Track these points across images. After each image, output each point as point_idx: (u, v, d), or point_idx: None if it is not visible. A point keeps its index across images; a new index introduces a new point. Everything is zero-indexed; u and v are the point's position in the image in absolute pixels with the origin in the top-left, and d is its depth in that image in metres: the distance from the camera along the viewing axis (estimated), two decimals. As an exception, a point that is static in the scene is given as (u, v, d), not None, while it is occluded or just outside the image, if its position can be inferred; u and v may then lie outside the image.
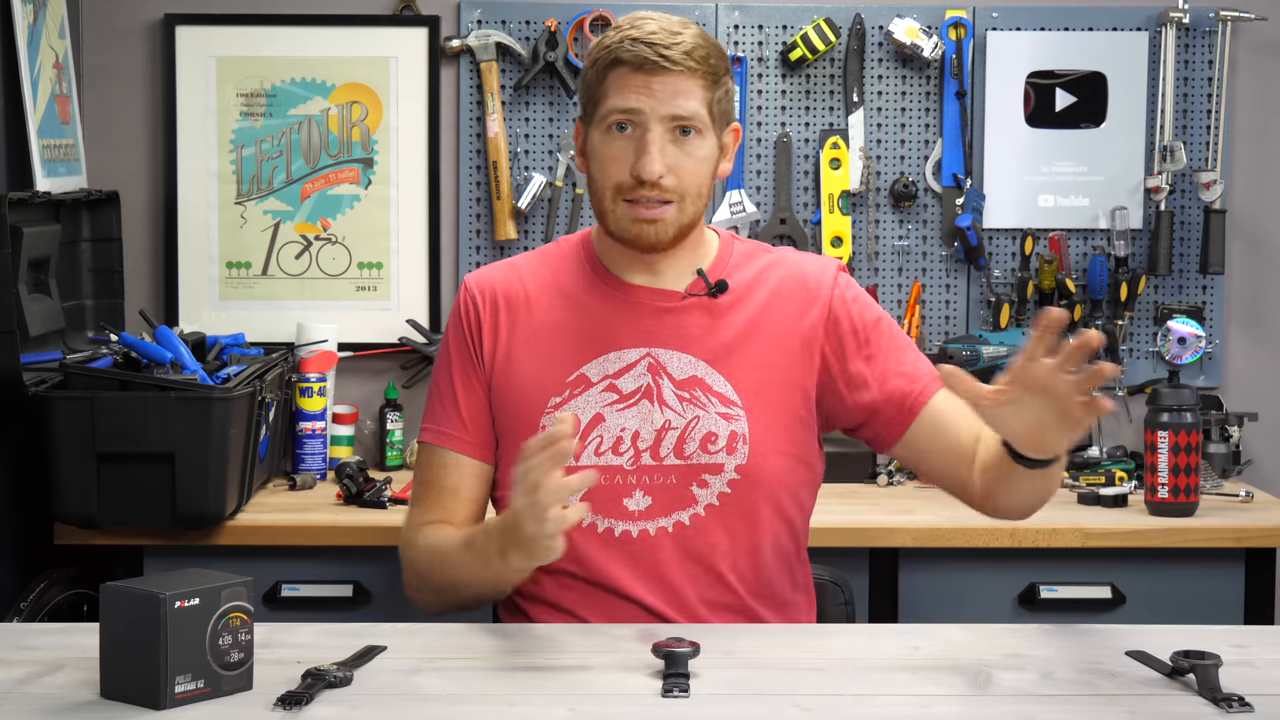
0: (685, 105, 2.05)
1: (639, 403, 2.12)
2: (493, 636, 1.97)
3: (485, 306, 2.18)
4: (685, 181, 2.07)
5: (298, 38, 3.42)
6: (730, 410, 2.11)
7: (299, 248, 3.44)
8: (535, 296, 2.18)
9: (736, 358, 2.13)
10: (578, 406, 2.11)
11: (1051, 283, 3.40)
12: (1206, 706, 1.68)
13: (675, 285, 2.16)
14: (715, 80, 2.08)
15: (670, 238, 2.10)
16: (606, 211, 2.10)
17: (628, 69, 2.05)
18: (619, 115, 2.06)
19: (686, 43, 2.05)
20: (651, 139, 2.04)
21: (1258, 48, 3.47)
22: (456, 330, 2.19)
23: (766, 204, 3.44)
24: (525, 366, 2.14)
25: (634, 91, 2.05)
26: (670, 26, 2.07)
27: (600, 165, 2.09)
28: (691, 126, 2.06)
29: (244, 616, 1.69)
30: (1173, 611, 2.87)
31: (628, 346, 2.13)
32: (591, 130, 2.11)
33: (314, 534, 2.89)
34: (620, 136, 2.07)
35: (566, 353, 2.14)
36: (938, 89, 3.45)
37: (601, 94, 2.08)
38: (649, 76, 2.04)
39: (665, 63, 2.04)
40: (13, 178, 2.96)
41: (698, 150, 2.08)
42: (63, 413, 2.73)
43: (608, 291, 2.16)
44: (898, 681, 1.78)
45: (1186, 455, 2.93)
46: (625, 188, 2.07)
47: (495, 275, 2.21)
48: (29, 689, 1.71)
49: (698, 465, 2.10)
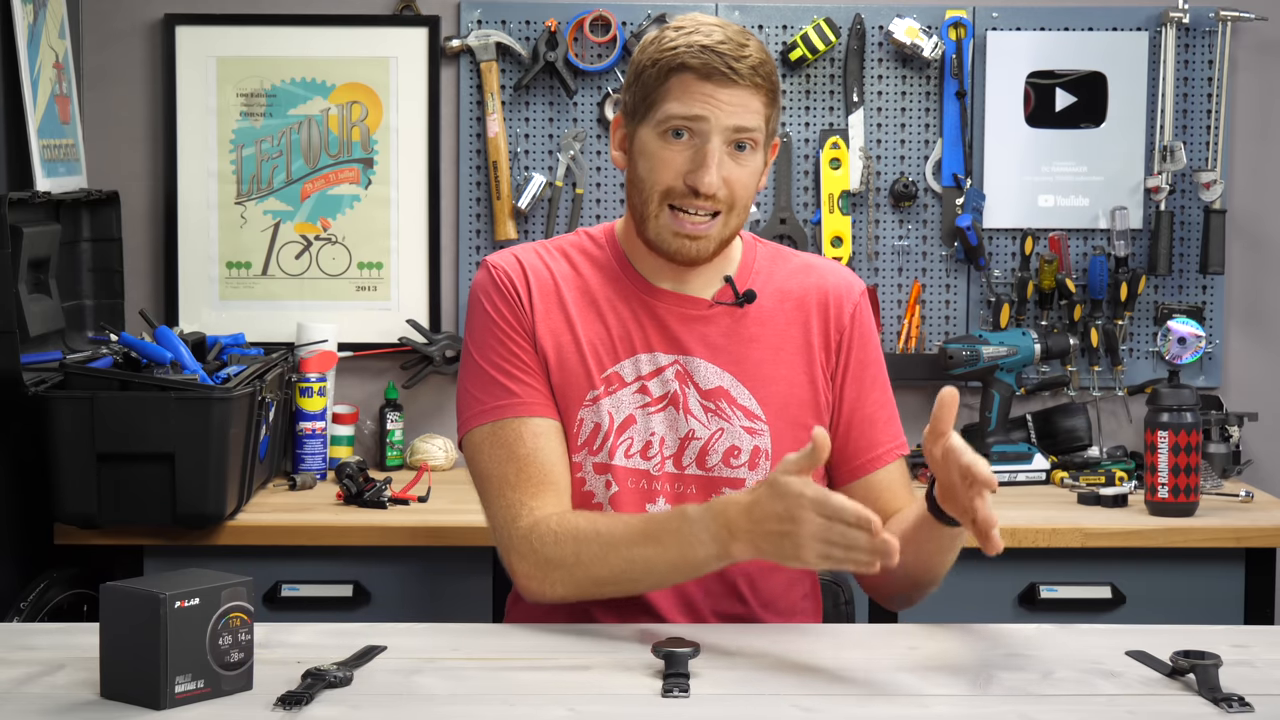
0: (748, 119, 2.02)
1: (666, 408, 2.10)
2: (493, 636, 1.97)
3: (521, 281, 2.11)
4: (736, 194, 2.04)
5: (298, 38, 3.42)
6: (754, 425, 2.10)
7: (299, 248, 3.44)
8: (563, 285, 2.13)
9: (763, 372, 2.11)
10: (612, 405, 2.08)
11: (1051, 283, 3.40)
12: (1206, 706, 1.68)
13: (702, 292, 2.13)
14: (774, 97, 2.06)
15: (710, 254, 2.07)
16: (649, 216, 2.05)
17: (693, 75, 2.00)
18: (680, 121, 2.01)
19: (753, 57, 2.02)
20: (712, 150, 2.00)
21: (1258, 48, 3.47)
22: (496, 298, 2.10)
23: (766, 204, 3.44)
24: (565, 355, 2.10)
25: (698, 100, 2.00)
26: (736, 37, 2.03)
27: (651, 167, 2.04)
28: (748, 140, 2.03)
29: (244, 616, 1.69)
30: (1173, 611, 2.87)
31: (659, 350, 2.11)
32: (642, 129, 2.06)
33: (314, 534, 2.89)
34: (677, 143, 2.02)
35: (601, 348, 2.10)
36: (938, 89, 3.45)
37: (660, 96, 2.03)
38: (716, 87, 2.00)
39: (733, 75, 2.00)
40: (13, 178, 2.96)
41: (750, 164, 2.05)
42: (63, 413, 2.73)
43: (636, 294, 2.12)
44: (898, 681, 1.78)
45: (1186, 455, 2.93)
46: (676, 194, 2.03)
47: (523, 256, 2.15)
48: (29, 689, 1.71)
49: (719, 478, 2.09)
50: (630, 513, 2.06)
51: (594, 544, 1.98)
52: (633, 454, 2.09)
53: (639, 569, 1.97)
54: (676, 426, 2.09)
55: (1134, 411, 3.45)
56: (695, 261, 2.08)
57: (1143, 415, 3.06)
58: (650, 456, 2.09)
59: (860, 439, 2.16)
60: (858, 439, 2.16)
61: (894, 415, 2.19)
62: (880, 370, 2.19)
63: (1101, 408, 3.47)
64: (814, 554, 1.82)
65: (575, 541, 1.99)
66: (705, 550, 1.92)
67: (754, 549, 1.89)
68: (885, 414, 2.18)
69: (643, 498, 2.09)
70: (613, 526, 1.99)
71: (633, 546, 1.97)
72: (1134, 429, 3.44)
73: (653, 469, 2.09)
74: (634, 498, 2.08)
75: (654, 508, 2.08)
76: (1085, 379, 3.46)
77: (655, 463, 2.09)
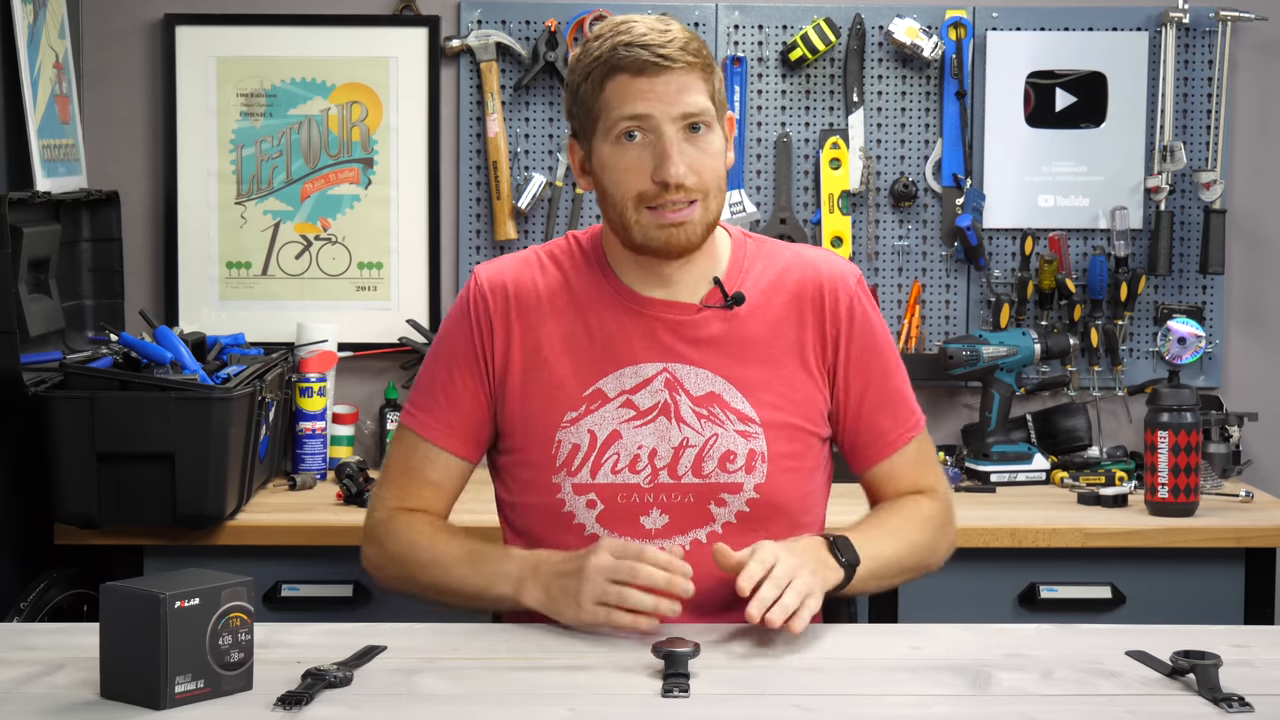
0: (693, 101, 2.00)
1: (656, 420, 2.08)
2: (493, 636, 1.97)
3: (496, 308, 2.12)
4: (706, 178, 2.02)
5: (298, 38, 3.42)
6: (749, 428, 2.09)
7: (299, 248, 3.44)
8: (549, 301, 2.12)
9: (755, 374, 2.10)
10: (594, 423, 2.07)
11: (1051, 283, 3.40)
12: (1206, 706, 1.68)
13: (690, 297, 2.11)
14: (711, 70, 2.04)
15: (699, 238, 2.05)
16: (630, 224, 2.03)
17: (627, 75, 2.00)
18: (628, 123, 2.00)
19: (678, 38, 2.00)
20: (669, 141, 1.99)
21: (1258, 48, 3.47)
22: (463, 324, 2.13)
23: (766, 204, 3.44)
24: (540, 378, 2.10)
25: (639, 97, 1.99)
26: (656, 25, 2.02)
27: (615, 178, 2.03)
28: (701, 122, 2.01)
29: (244, 616, 1.69)
30: (1173, 611, 2.87)
31: (644, 361, 2.09)
32: (597, 144, 2.05)
33: (314, 534, 2.89)
34: (632, 145, 2.01)
35: (582, 366, 2.09)
36: (938, 89, 3.45)
37: (603, 106, 2.02)
38: (651, 79, 1.99)
39: (665, 62, 1.98)
40: (13, 178, 2.96)
41: (711, 145, 2.03)
42: (63, 413, 2.73)
43: (622, 304, 2.11)
44: (898, 681, 1.78)
45: (1186, 455, 2.93)
46: (649, 195, 2.01)
47: (508, 270, 2.15)
48: (29, 689, 1.71)
49: (716, 484, 2.08)
50: (617, 531, 2.07)
51: (425, 552, 2.08)
52: (620, 469, 2.07)
53: (453, 586, 2.06)
54: (669, 436, 2.08)
55: (1134, 411, 3.45)
56: (687, 249, 2.06)
57: (1143, 415, 3.06)
58: (639, 470, 2.07)
59: (871, 428, 2.16)
60: (868, 429, 2.16)
61: (905, 397, 2.18)
62: (887, 355, 2.16)
63: (1101, 408, 3.47)
64: (592, 592, 1.88)
65: (411, 545, 2.10)
66: (502, 588, 2.00)
67: (542, 592, 1.95)
68: (894, 399, 2.17)
69: (634, 512, 2.08)
70: (448, 542, 2.08)
71: (453, 565, 2.05)
72: (1134, 429, 3.44)
73: (643, 482, 2.08)
74: (623, 514, 2.07)
75: (647, 520, 2.07)
76: (1085, 379, 3.46)
77: (645, 475, 2.08)
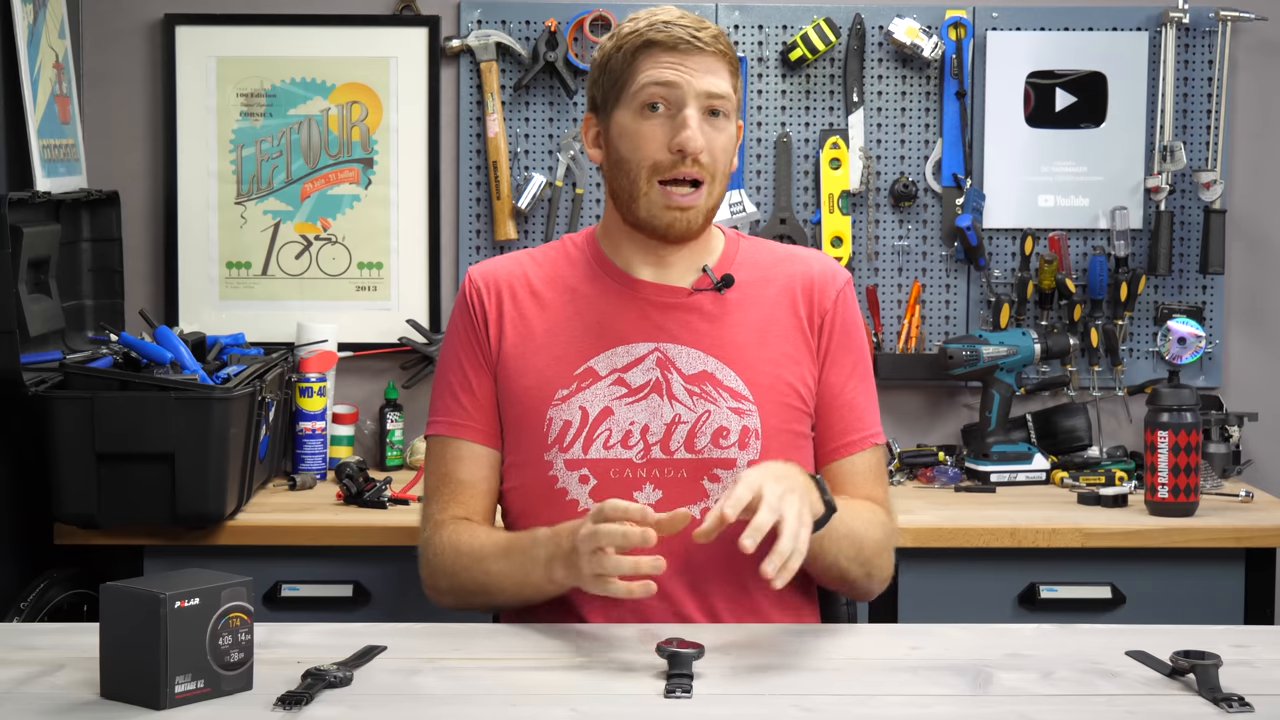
0: (719, 85, 2.09)
1: (648, 397, 2.12)
2: (493, 636, 1.97)
3: (490, 297, 2.19)
4: (717, 161, 2.10)
5: (298, 38, 3.42)
6: (742, 405, 2.12)
7: (299, 248, 3.44)
8: (540, 289, 2.19)
9: (747, 353, 2.14)
10: (585, 400, 2.12)
11: (1051, 283, 3.40)
12: (1206, 706, 1.68)
13: (681, 281, 2.17)
14: (737, 70, 2.14)
15: (699, 226, 2.12)
16: (639, 195, 2.11)
17: (660, 49, 2.09)
18: (656, 89, 2.08)
19: (713, 29, 2.12)
20: (690, 114, 2.07)
21: (1258, 48, 3.47)
22: (463, 320, 2.20)
23: (766, 204, 3.44)
24: (532, 359, 2.15)
25: (669, 68, 2.08)
26: (691, 16, 2.13)
27: (634, 144, 2.10)
28: (720, 108, 2.10)
29: (244, 616, 1.69)
30: (1173, 611, 2.87)
31: (635, 340, 2.14)
32: (618, 113, 2.12)
33: (314, 534, 2.89)
34: (655, 116, 2.09)
35: (573, 346, 2.14)
36: (938, 89, 3.45)
37: (631, 74, 2.10)
38: (684, 55, 2.08)
39: (698, 43, 2.08)
40: (13, 178, 2.96)
41: (726, 130, 2.11)
42: (63, 413, 2.73)
43: (614, 286, 2.17)
44: (898, 681, 1.78)
45: (1186, 455, 2.93)
46: (663, 166, 2.08)
47: (499, 266, 2.23)
48: (29, 689, 1.71)
49: (709, 459, 2.11)
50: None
51: (467, 556, 2.09)
52: (612, 444, 2.11)
53: (495, 583, 2.07)
54: (661, 412, 2.12)
55: (1134, 411, 3.45)
56: (686, 236, 2.13)
57: (1143, 415, 3.06)
58: (631, 445, 2.11)
59: (837, 423, 2.18)
60: (835, 423, 2.18)
61: (872, 406, 2.22)
62: (862, 359, 2.21)
63: (1101, 408, 3.47)
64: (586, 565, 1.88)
65: (455, 553, 2.11)
66: (538, 573, 2.00)
67: (565, 569, 1.95)
68: (863, 402, 2.20)
69: (627, 487, 2.10)
70: (485, 540, 2.09)
71: (493, 560, 2.07)
72: (1134, 429, 3.44)
73: (635, 457, 2.11)
74: (616, 489, 2.09)
75: (640, 495, 2.10)
76: (1085, 379, 3.46)
77: (638, 450, 2.11)
